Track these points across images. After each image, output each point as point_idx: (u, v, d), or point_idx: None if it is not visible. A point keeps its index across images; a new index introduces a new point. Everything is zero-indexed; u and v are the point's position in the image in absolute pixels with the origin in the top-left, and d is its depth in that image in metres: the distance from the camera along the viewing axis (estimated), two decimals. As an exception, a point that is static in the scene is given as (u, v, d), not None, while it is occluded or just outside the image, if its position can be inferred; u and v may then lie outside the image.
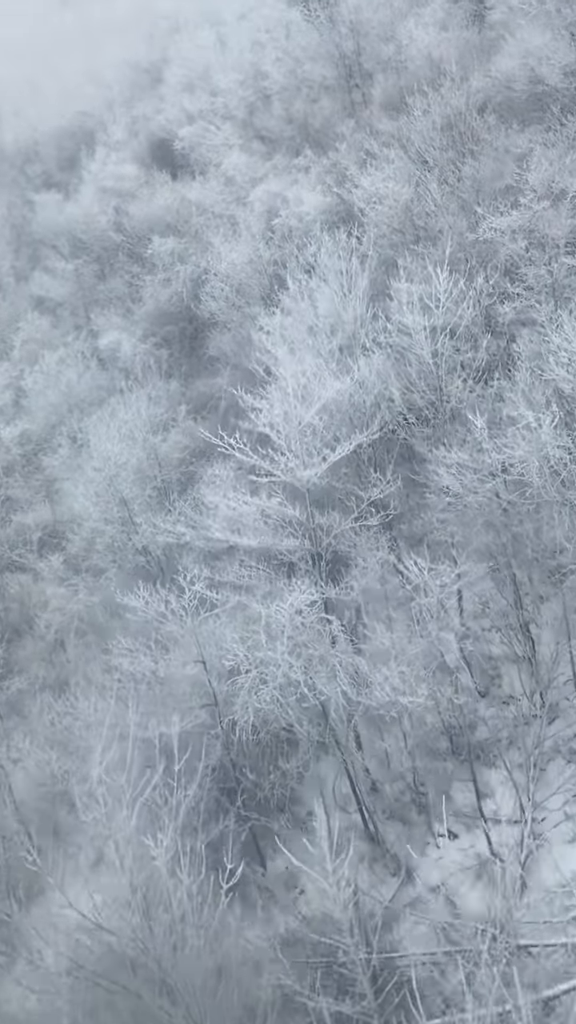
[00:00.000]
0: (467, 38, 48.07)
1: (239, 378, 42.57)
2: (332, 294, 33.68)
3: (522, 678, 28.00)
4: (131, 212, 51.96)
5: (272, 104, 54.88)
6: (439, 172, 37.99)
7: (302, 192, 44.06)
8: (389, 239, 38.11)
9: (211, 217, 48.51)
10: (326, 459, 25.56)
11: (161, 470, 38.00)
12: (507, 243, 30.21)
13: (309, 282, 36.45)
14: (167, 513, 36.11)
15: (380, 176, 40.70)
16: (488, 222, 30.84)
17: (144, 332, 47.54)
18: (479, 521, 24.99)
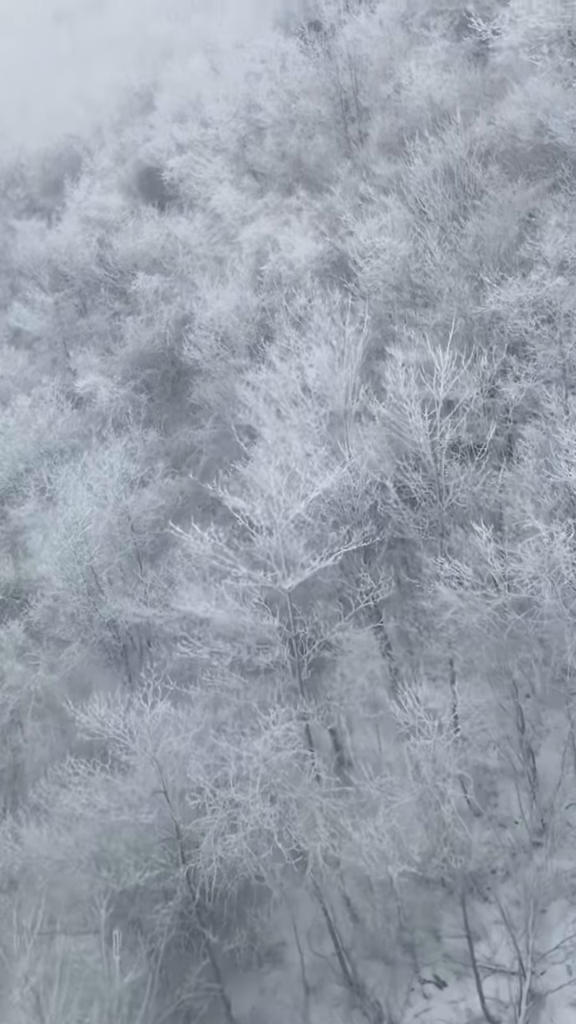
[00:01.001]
0: (469, 80, 45.09)
1: (222, 433, 39.53)
2: (323, 358, 30.42)
3: (521, 798, 24.81)
4: (115, 245, 48.50)
5: (265, 138, 51.64)
6: (439, 226, 34.89)
7: (294, 237, 40.76)
8: (385, 296, 34.92)
9: (197, 257, 45.16)
10: (311, 565, 22.23)
11: (134, 533, 34.60)
12: (515, 319, 27.01)
13: (298, 340, 33.28)
14: (137, 582, 32.85)
15: (376, 224, 37.63)
16: (495, 293, 27.63)
17: (124, 375, 44.04)
18: (482, 646, 21.83)
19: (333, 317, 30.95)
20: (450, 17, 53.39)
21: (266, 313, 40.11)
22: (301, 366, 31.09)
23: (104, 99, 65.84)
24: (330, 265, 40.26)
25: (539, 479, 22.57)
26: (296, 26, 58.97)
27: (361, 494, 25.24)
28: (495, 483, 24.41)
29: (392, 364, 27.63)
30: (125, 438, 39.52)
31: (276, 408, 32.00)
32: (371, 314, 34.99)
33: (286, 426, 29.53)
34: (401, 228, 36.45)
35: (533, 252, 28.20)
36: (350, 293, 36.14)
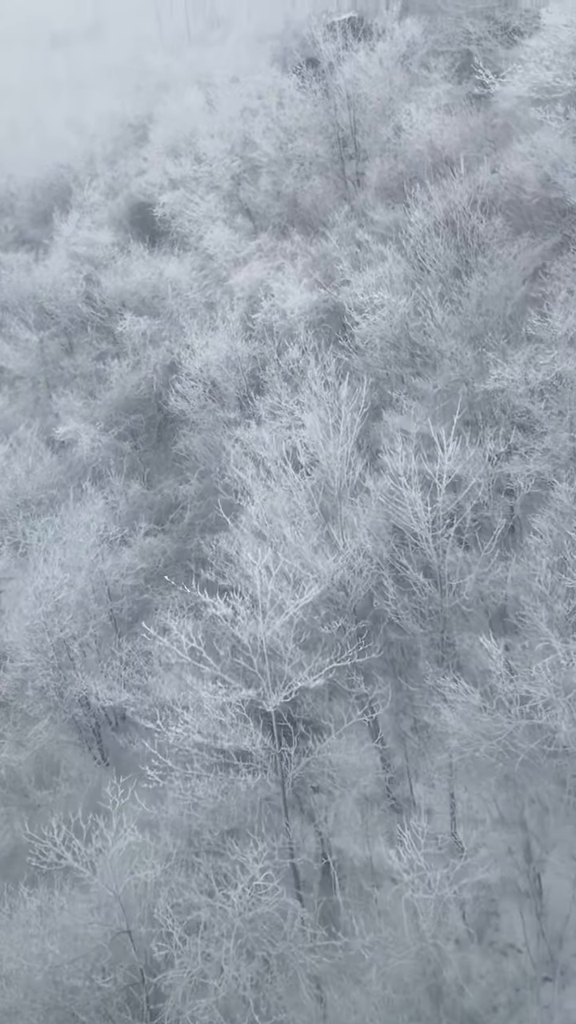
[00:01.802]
0: (471, 124, 42.93)
1: (207, 488, 36.89)
2: (315, 425, 27.87)
3: (525, 922, 22.15)
4: (103, 283, 45.89)
5: (260, 176, 49.35)
6: (440, 281, 32.49)
7: (287, 284, 38.27)
8: (383, 354, 32.47)
9: (187, 300, 42.63)
10: (298, 681, 19.54)
11: (111, 599, 31.85)
12: (521, 397, 24.54)
13: (290, 401, 30.79)
14: (112, 656, 30.08)
15: (373, 276, 35.22)
16: (499, 370, 25.13)
17: (107, 420, 41.30)
18: (491, 778, 19.27)
19: (327, 380, 28.41)
20: (451, 58, 51.54)
21: (257, 363, 37.63)
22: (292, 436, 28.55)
23: (97, 128, 63.48)
24: (325, 315, 37.85)
25: (552, 580, 20.07)
26: (293, 63, 56.96)
27: (356, 589, 22.55)
28: (502, 576, 21.86)
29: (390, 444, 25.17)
30: (106, 490, 37.00)
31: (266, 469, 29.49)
32: (368, 373, 32.79)
33: (274, 494, 26.91)
34: (399, 280, 34.07)
35: (541, 328, 25.69)
36: (345, 349, 33.79)
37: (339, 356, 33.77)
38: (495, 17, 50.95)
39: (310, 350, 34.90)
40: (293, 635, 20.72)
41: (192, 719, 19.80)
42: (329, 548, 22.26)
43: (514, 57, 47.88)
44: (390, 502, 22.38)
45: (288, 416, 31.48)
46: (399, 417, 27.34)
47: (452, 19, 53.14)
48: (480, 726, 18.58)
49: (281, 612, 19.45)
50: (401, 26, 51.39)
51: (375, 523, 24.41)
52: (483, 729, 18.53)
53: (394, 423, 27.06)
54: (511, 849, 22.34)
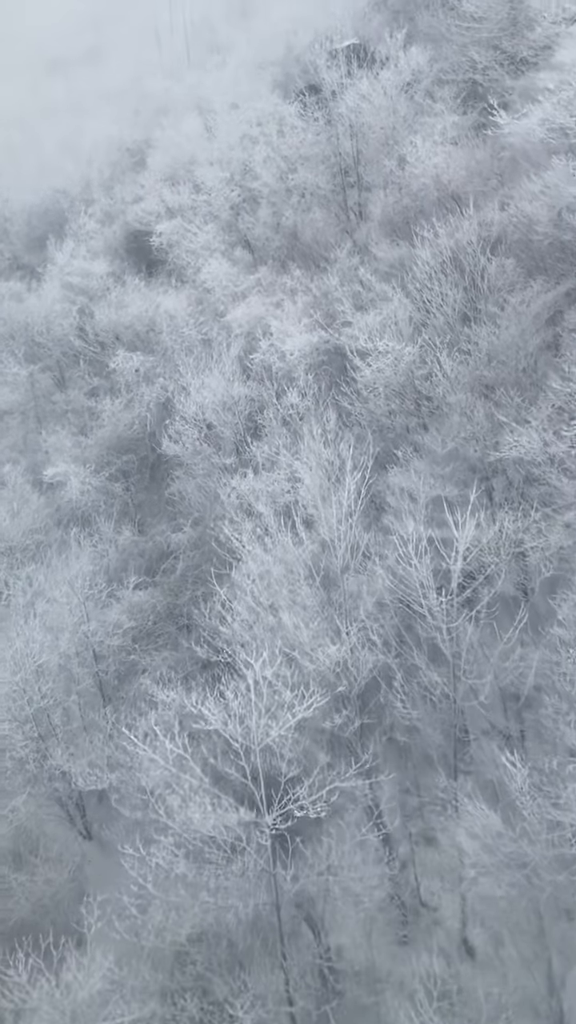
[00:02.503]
0: (478, 158, 40.95)
1: (201, 537, 34.67)
2: (315, 484, 25.69)
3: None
4: (97, 316, 43.81)
5: (259, 207, 47.33)
6: (447, 327, 30.38)
7: (287, 324, 36.17)
8: (387, 402, 30.31)
9: (184, 337, 40.49)
10: (295, 799, 17.28)
11: (96, 660, 29.55)
12: (542, 469, 22.39)
13: (287, 452, 28.64)
14: (95, 727, 27.78)
15: (377, 318, 33.08)
16: (514, 435, 22.95)
17: (98, 461, 39.17)
18: (511, 919, 17.04)
19: (327, 438, 26.26)
20: (456, 87, 49.66)
21: (255, 406, 35.48)
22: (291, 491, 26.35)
23: (94, 154, 61.50)
24: (326, 356, 35.71)
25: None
26: (295, 89, 55.09)
27: (360, 676, 20.30)
28: (524, 664, 19.62)
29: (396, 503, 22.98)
30: (95, 537, 34.77)
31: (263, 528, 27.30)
32: (371, 423, 30.70)
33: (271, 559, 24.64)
34: (404, 323, 31.92)
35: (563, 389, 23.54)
36: (347, 395, 31.62)
37: (340, 403, 31.74)
38: (502, 47, 49.01)
39: (310, 395, 32.86)
40: (291, 736, 18.42)
41: (179, 828, 17.50)
42: (331, 631, 20.04)
43: (522, 88, 46.28)
44: (398, 583, 20.16)
45: (287, 468, 29.33)
46: (405, 477, 25.09)
47: (457, 48, 51.21)
48: (501, 854, 16.38)
49: (276, 718, 17.23)
50: (406, 54, 49.55)
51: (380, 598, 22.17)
52: (504, 857, 16.31)
53: (400, 484, 24.83)
54: (528, 962, 20.05)
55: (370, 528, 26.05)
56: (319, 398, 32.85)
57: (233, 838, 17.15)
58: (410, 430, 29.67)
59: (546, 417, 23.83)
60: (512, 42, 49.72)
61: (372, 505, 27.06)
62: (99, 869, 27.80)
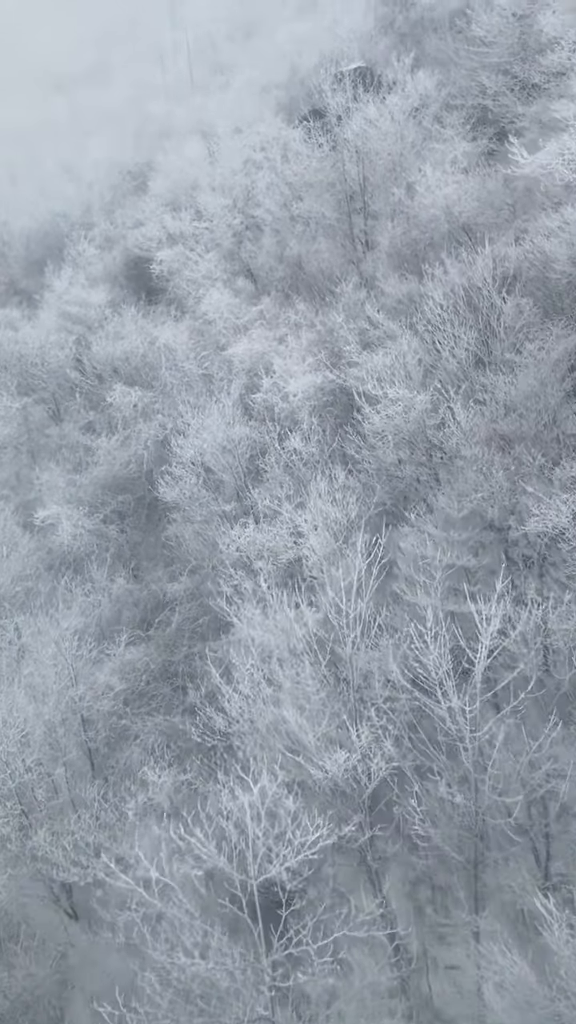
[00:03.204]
0: (490, 188, 38.94)
1: (199, 587, 32.55)
2: (319, 547, 23.57)
3: None
4: (93, 349, 41.77)
5: (263, 235, 45.35)
6: (461, 373, 28.30)
7: (290, 363, 34.11)
8: (396, 452, 28.16)
9: (184, 373, 38.43)
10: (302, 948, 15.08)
11: (85, 728, 27.32)
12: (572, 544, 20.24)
13: (290, 508, 26.50)
14: (83, 802, 25.56)
15: (385, 359, 31.00)
16: (539, 508, 20.72)
17: (93, 501, 37.08)
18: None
19: (334, 496, 24.15)
20: (466, 113, 47.71)
21: (256, 448, 33.38)
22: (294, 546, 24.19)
23: (95, 176, 59.62)
24: (331, 396, 33.61)
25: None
26: (299, 113, 53.19)
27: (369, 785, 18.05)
28: (555, 762, 17.43)
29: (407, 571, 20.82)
30: (87, 586, 32.64)
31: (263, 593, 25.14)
32: (381, 472, 28.58)
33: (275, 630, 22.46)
34: (414, 365, 29.80)
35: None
36: (354, 442, 29.49)
37: (346, 450, 29.64)
38: (513, 72, 47.10)
39: (314, 440, 30.76)
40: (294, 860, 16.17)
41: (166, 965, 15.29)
42: (339, 731, 17.84)
43: (534, 115, 44.37)
44: (411, 669, 17.99)
45: (289, 521, 27.20)
46: (418, 541, 22.92)
47: (466, 72, 49.33)
48: (535, 1016, 14.09)
49: (277, 842, 15.04)
50: (413, 79, 47.64)
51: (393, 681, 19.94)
52: (538, 1019, 14.05)
53: (412, 550, 22.67)
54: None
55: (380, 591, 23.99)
56: (324, 443, 30.80)
57: (227, 978, 14.95)
58: (421, 481, 27.52)
59: (570, 479, 21.69)
60: (523, 67, 47.85)
61: (381, 569, 24.96)
62: (84, 953, 25.65)
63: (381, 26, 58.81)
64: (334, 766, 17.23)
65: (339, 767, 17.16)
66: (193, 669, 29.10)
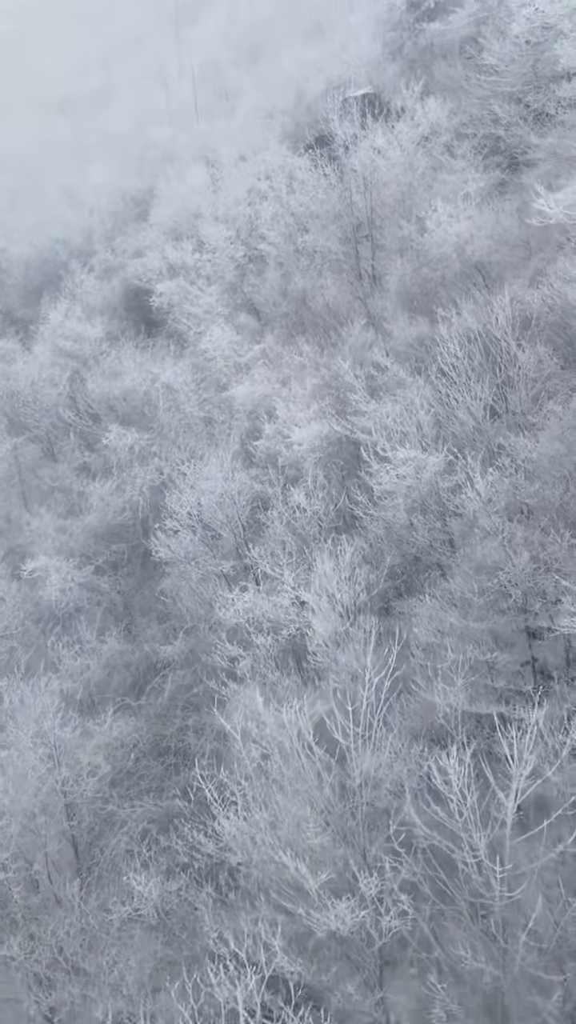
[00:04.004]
0: (505, 224, 36.67)
1: (193, 651, 30.14)
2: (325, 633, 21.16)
3: None
4: (89, 387, 39.48)
5: (267, 268, 43.09)
6: (475, 429, 25.93)
7: (294, 410, 31.78)
8: (407, 515, 25.76)
9: (184, 415, 36.15)
10: None
11: (68, 816, 24.83)
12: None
13: (294, 584, 24.08)
14: (63, 903, 23.08)
15: (393, 409, 28.69)
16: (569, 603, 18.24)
17: (84, 550, 34.74)
18: None
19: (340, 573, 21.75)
20: (478, 142, 45.49)
21: (257, 500, 31.02)
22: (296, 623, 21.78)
23: (96, 202, 57.48)
24: (337, 446, 31.22)
25: None
26: (305, 141, 51.02)
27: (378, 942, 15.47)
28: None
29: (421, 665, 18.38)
30: (76, 648, 30.24)
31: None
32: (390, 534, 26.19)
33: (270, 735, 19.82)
34: (425, 418, 27.38)
35: None
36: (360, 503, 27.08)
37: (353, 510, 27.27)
38: (527, 101, 44.88)
39: (319, 497, 28.36)
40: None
41: None
42: (347, 880, 15.34)
43: (549, 147, 42.15)
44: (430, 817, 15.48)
45: (291, 591, 24.78)
46: (431, 627, 20.46)
47: (478, 101, 47.15)
48: None
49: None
50: (423, 107, 45.47)
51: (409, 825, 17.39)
52: None
53: (426, 637, 20.20)
54: None
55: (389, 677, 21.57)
56: (329, 499, 28.40)
57: None
58: (435, 547, 25.10)
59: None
60: (537, 97, 45.65)
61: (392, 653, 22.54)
62: None
63: (389, 52, 56.75)
64: (338, 921, 14.76)
65: (345, 923, 14.69)
66: (186, 745, 26.70)
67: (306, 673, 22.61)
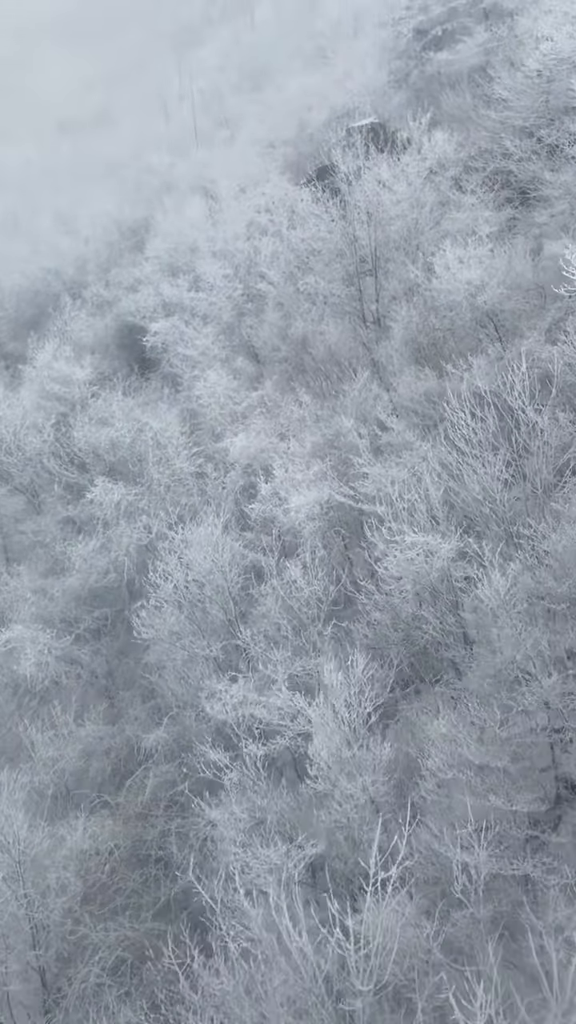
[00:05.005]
0: (518, 269, 33.86)
1: (178, 740, 27.16)
2: (330, 757, 18.24)
3: None
4: (76, 434, 36.57)
5: (266, 308, 40.26)
6: (491, 515, 23.01)
7: (293, 470, 28.88)
8: (416, 605, 22.81)
9: (174, 470, 33.28)
10: None
11: (34, 943, 21.75)
12: None
13: (292, 701, 21.09)
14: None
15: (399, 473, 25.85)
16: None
17: (65, 616, 31.81)
18: None
19: (349, 695, 18.84)
20: (488, 177, 42.70)
21: (251, 572, 28.10)
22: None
23: (92, 232, 54.80)
24: (339, 511, 28.30)
25: None
26: (307, 173, 48.33)
27: None
28: None
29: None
30: (50, 732, 27.26)
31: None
32: (396, 624, 23.27)
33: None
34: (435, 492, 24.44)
35: None
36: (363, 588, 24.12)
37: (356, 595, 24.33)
38: (539, 135, 42.15)
39: (317, 577, 25.40)
40: None
41: None
42: None
43: (564, 185, 39.40)
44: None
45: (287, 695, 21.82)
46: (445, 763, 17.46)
47: (488, 134, 44.43)
48: None
49: None
50: (430, 140, 42.73)
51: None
52: None
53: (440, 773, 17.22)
54: None
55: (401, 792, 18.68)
56: (329, 578, 25.46)
57: None
58: (447, 643, 22.16)
59: None
60: (549, 131, 42.92)
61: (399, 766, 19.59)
62: None
63: (395, 80, 54.21)
64: None
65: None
66: (168, 854, 23.69)
67: (302, 796, 19.66)
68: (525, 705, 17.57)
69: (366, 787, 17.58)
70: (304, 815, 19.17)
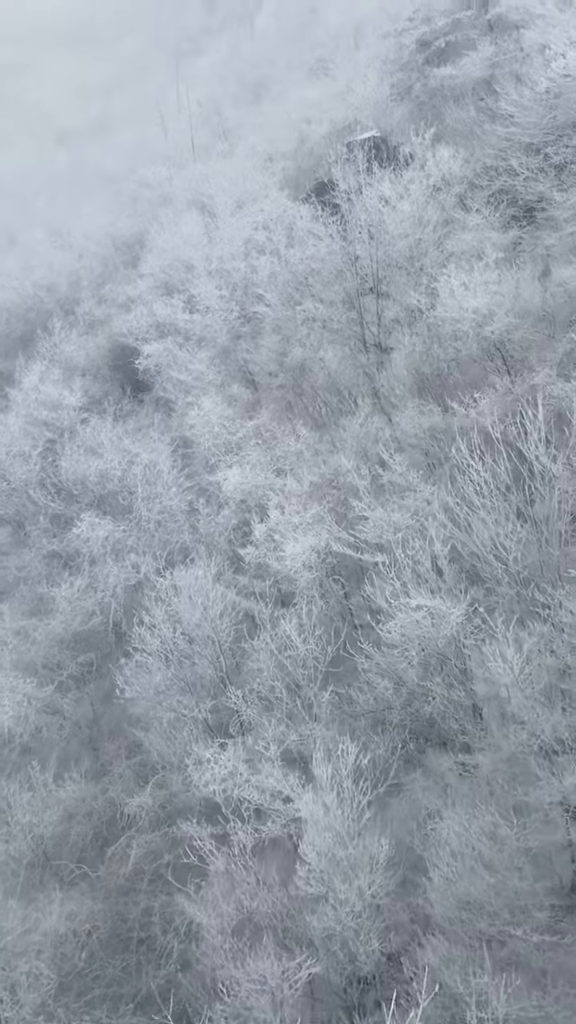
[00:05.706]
0: (526, 296, 31.73)
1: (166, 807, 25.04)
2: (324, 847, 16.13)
3: None
4: (63, 465, 34.45)
5: (263, 333, 38.11)
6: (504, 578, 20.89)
7: (289, 512, 26.75)
8: (422, 672, 20.69)
9: (164, 506, 31.17)
10: None
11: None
12: None
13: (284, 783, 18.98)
14: None
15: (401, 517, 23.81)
16: None
17: (47, 662, 29.69)
18: None
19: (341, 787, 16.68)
20: (493, 194, 40.52)
21: (243, 621, 25.99)
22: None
23: (85, 246, 52.62)
24: (338, 558, 26.16)
25: None
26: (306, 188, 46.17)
27: None
28: None
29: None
30: (29, 794, 25.14)
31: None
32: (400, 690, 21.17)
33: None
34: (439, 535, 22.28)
35: None
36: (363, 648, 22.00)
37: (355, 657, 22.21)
38: (546, 153, 39.97)
39: (313, 636, 23.27)
40: None
41: None
42: None
43: (573, 205, 37.29)
44: None
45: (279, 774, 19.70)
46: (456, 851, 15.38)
47: (493, 151, 42.24)
48: None
49: None
50: (435, 156, 40.52)
51: None
52: None
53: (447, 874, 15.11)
54: None
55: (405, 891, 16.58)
56: (326, 636, 23.35)
57: None
58: (455, 716, 20.04)
59: None
60: (556, 148, 40.76)
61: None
62: None
63: (397, 93, 51.96)
64: None
65: None
66: (151, 936, 21.57)
67: (295, 892, 17.54)
68: (543, 806, 15.43)
69: (362, 891, 15.47)
70: (297, 916, 17.07)
